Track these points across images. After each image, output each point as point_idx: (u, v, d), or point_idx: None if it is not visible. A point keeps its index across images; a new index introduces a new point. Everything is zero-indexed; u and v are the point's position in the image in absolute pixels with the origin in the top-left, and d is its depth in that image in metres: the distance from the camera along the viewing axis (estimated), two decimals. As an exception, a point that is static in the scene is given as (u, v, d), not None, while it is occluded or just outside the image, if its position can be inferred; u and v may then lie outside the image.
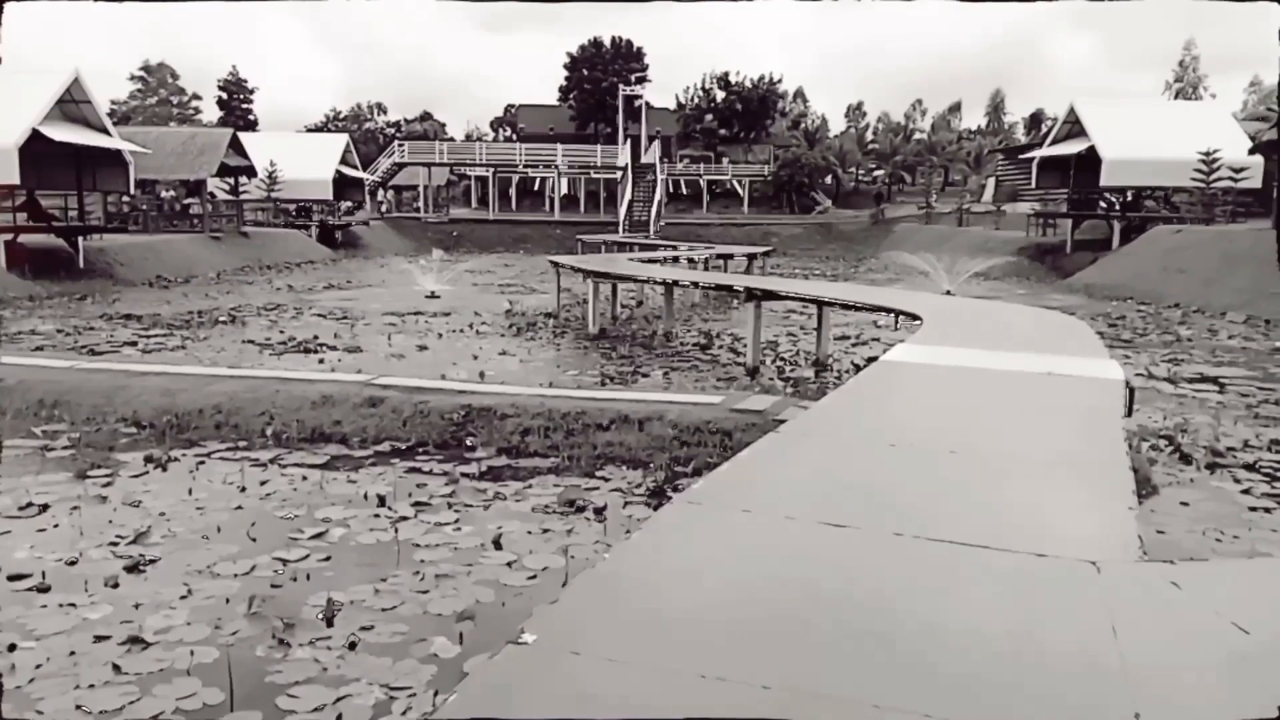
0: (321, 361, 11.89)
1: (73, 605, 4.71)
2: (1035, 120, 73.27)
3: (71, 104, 23.13)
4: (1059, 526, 3.08)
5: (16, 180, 20.77)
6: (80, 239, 23.15)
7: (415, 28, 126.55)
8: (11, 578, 5.06)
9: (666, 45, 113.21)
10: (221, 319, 16.46)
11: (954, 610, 2.47)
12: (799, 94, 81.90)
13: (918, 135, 70.30)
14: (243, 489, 6.66)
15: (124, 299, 19.84)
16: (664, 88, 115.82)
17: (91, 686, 3.91)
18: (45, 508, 6.25)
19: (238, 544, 5.55)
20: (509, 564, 5.23)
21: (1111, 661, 2.16)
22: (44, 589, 4.92)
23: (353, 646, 4.22)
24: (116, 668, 4.06)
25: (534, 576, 5.07)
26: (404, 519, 6.01)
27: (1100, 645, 2.25)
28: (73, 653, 4.20)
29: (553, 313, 17.10)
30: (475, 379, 9.87)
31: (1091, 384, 5.32)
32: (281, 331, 14.93)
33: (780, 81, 68.28)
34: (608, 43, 68.00)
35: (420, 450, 7.63)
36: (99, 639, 4.34)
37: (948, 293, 21.24)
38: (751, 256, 22.00)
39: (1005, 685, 2.08)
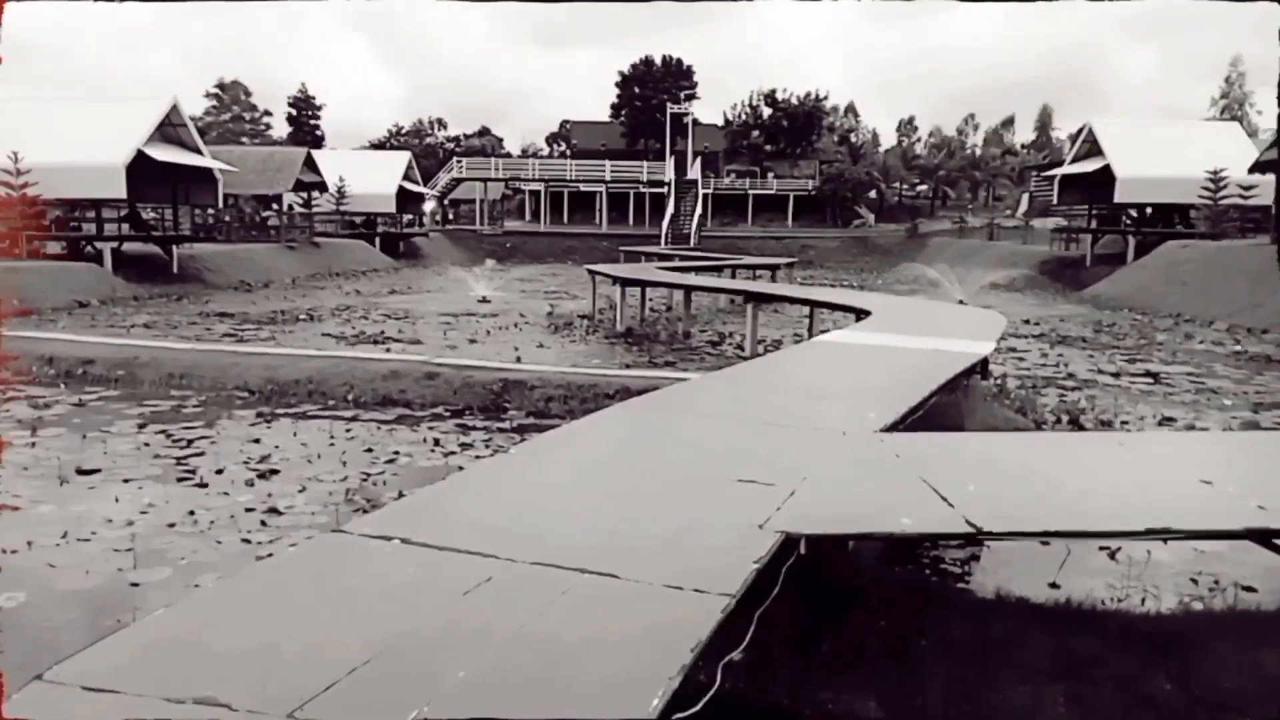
0: (388, 350, 14.11)
1: (225, 494, 6.89)
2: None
3: (170, 127, 25.97)
4: (841, 419, 5.04)
5: (124, 194, 23.61)
6: (174, 247, 25.95)
7: (475, 43, 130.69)
8: (179, 479, 7.27)
9: (721, 59, 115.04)
10: (301, 317, 18.89)
11: (750, 447, 4.46)
12: (850, 109, 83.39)
13: (965, 150, 71.30)
14: (332, 435, 8.83)
15: (214, 300, 22.49)
16: (718, 100, 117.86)
17: (250, 531, 6.07)
18: (190, 442, 8.50)
19: (333, 465, 7.71)
20: (525, 478, 7.29)
21: (818, 469, 4.14)
22: (203, 485, 7.13)
23: (416, 514, 6.30)
24: (263, 523, 6.22)
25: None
26: (452, 453, 8.12)
27: (814, 459, 4.23)
28: (233, 516, 6.37)
29: (588, 315, 19.21)
30: (513, 361, 11.96)
31: (957, 356, 7.19)
32: (353, 327, 17.26)
33: (826, 98, 69.85)
34: (659, 61, 70.32)
35: (467, 412, 9.76)
36: (248, 510, 6.50)
37: (960, 302, 22.83)
38: (774, 267, 23.93)
39: (765, 467, 4.02)
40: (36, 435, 8.62)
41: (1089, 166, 30.03)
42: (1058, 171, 33.43)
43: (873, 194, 64.14)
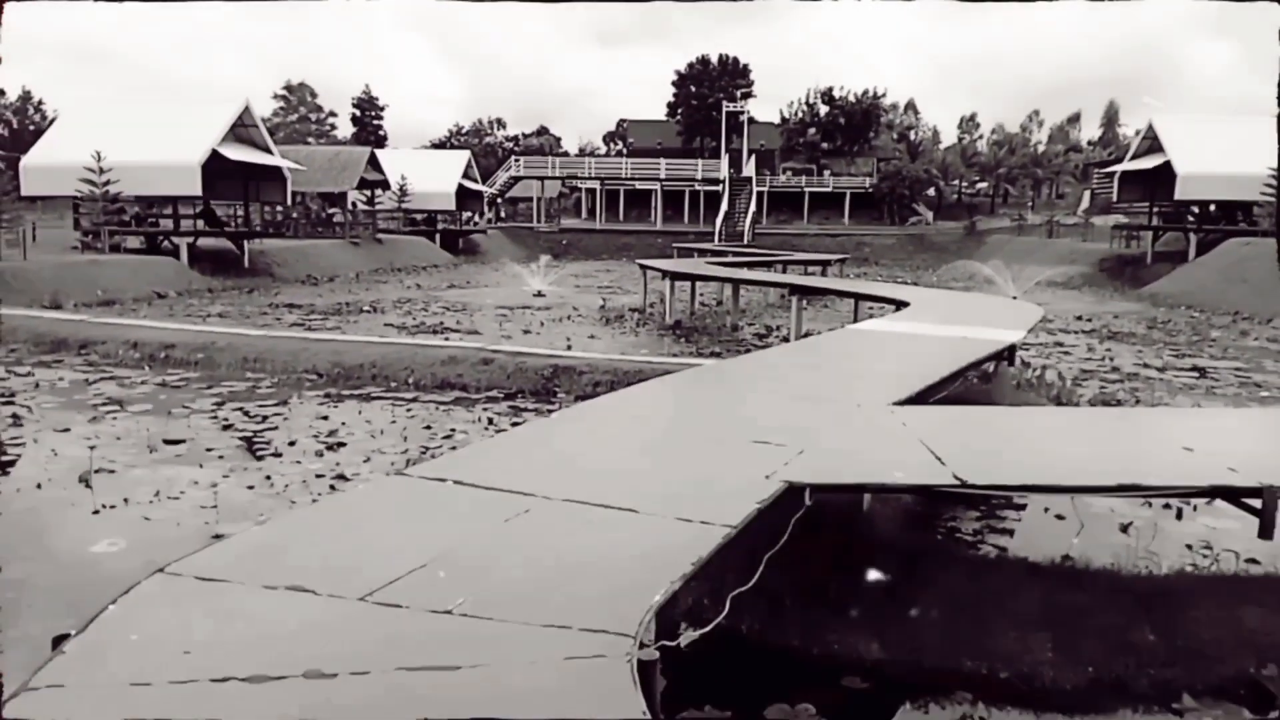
0: (446, 340, 14.75)
1: (298, 462, 7.51)
2: (1149, 132, 71.92)
3: (242, 127, 27.10)
4: (859, 393, 5.42)
5: (199, 192, 24.76)
6: (245, 243, 27.08)
7: (534, 43, 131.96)
8: (255, 450, 7.92)
9: (780, 57, 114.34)
10: (365, 309, 19.71)
11: (770, 415, 4.88)
12: (910, 106, 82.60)
13: (1028, 147, 70.15)
14: (394, 414, 9.43)
15: (283, 292, 23.49)
16: (775, 98, 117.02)
17: (319, 493, 6.66)
18: (265, 418, 9.17)
19: (395, 439, 8.30)
20: (571, 453, 7.79)
21: (828, 433, 4.55)
22: (277, 455, 7.76)
23: (469, 482, 6.84)
24: (332, 487, 6.81)
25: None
26: (504, 431, 8.65)
27: (826, 425, 4.64)
28: (305, 481, 6.98)
29: (639, 309, 19.70)
30: (563, 350, 12.49)
31: (982, 343, 7.50)
32: (413, 318, 18.00)
33: (885, 95, 69.28)
34: (715, 60, 70.49)
35: (519, 394, 10.31)
36: (319, 476, 7.11)
37: (1014, 298, 22.78)
38: (825, 263, 24.14)
39: (781, 431, 4.44)
40: (125, 410, 9.38)
41: (1149, 163, 29.61)
42: (1117, 168, 32.96)
43: (931, 191, 63.55)
